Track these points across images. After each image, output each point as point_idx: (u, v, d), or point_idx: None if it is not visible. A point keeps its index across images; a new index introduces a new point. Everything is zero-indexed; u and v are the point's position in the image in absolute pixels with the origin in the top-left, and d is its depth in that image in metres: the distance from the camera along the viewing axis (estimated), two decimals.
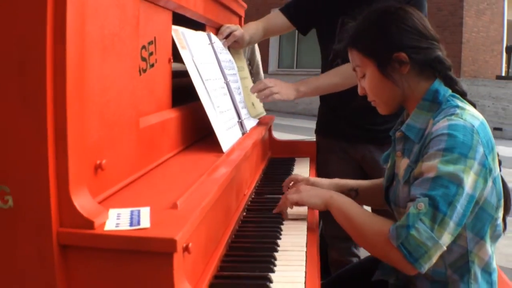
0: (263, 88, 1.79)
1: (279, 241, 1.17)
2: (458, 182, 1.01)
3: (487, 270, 1.13)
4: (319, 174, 2.00)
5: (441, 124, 1.06)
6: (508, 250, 3.18)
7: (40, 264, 0.72)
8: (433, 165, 1.03)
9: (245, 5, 2.21)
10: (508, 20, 12.71)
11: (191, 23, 1.49)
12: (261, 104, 2.05)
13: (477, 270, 1.11)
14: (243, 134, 1.63)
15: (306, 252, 1.13)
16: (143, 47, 1.07)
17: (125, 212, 0.78)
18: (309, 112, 10.31)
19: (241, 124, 1.66)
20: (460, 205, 1.01)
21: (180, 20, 1.36)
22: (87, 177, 0.76)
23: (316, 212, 1.39)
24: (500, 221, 1.14)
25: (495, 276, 1.15)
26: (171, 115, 1.26)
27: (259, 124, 1.87)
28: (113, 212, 0.77)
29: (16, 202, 0.71)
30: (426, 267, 1.01)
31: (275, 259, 1.07)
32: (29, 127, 0.68)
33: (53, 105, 0.68)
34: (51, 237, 0.71)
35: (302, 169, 1.99)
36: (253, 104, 1.96)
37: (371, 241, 1.10)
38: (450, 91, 1.15)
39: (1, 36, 0.68)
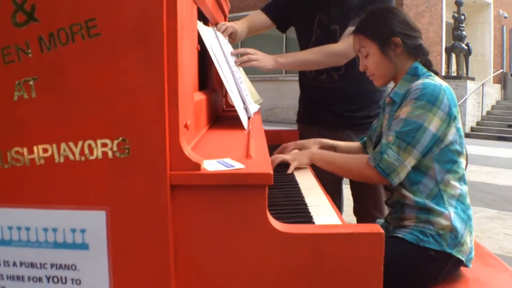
0: (243, 53, 1.90)
1: (307, 200, 1.36)
2: (421, 122, 1.34)
3: (462, 202, 1.41)
4: None
5: (417, 82, 1.41)
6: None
7: (155, 203, 0.86)
8: (406, 109, 1.37)
9: (229, 5, 2.40)
10: (446, 22, 13.61)
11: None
12: (256, 94, 2.22)
13: (449, 198, 1.38)
14: (248, 118, 1.80)
15: (331, 206, 1.33)
16: None
17: (213, 162, 0.94)
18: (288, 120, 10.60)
19: (246, 109, 1.83)
20: (423, 139, 1.35)
21: None
22: (183, 132, 0.92)
23: None
24: (463, 165, 1.44)
25: (470, 213, 1.43)
26: (202, 97, 1.42)
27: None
28: (204, 161, 0.93)
29: (133, 151, 0.86)
30: (396, 180, 1.36)
31: (309, 212, 1.25)
32: (149, 86, 0.83)
33: (167, 67, 0.83)
34: (165, 179, 0.86)
35: None
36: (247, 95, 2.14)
37: (354, 169, 1.47)
38: (425, 70, 1.49)
39: (128, 10, 0.83)
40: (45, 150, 0.87)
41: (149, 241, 0.87)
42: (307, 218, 1.18)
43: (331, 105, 2.21)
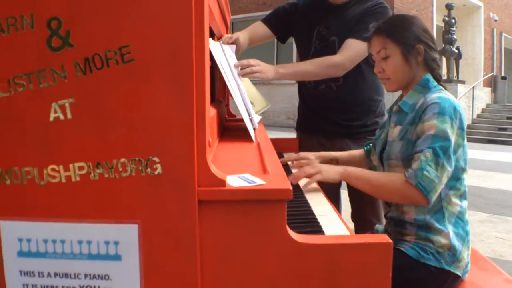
0: (246, 65, 1.94)
1: (314, 209, 1.43)
2: (449, 137, 1.35)
3: (461, 219, 1.45)
4: None
5: (433, 96, 1.42)
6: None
7: (183, 217, 0.93)
8: (433, 124, 1.36)
9: (231, 15, 2.47)
10: (437, 25, 13.77)
11: None
12: (262, 100, 2.28)
13: (450, 216, 1.42)
14: (254, 129, 1.87)
15: (338, 216, 1.40)
16: None
17: (235, 177, 1.01)
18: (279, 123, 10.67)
19: (251, 120, 1.90)
20: (451, 154, 1.36)
21: None
22: (208, 151, 0.98)
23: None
24: (465, 182, 1.48)
25: (468, 228, 1.48)
26: (214, 111, 1.49)
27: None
28: (227, 177, 1.00)
29: (164, 169, 0.92)
30: (434, 198, 1.34)
31: (318, 221, 1.32)
32: (179, 108, 0.90)
33: (196, 91, 0.90)
34: (193, 195, 0.92)
35: None
36: (252, 102, 2.20)
37: (392, 189, 1.40)
38: (436, 83, 1.52)
39: (159, 33, 0.89)
40: (80, 168, 0.93)
41: (178, 252, 0.94)
42: (317, 227, 1.25)
43: (330, 114, 2.28)
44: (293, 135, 2.59)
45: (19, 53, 0.94)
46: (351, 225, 2.36)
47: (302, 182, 1.59)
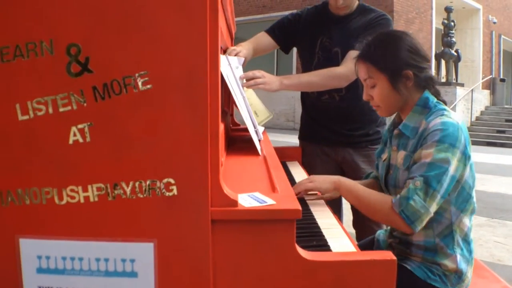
0: (251, 77, 1.96)
1: (318, 222, 1.47)
2: (446, 166, 1.31)
3: (466, 240, 1.46)
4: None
5: (436, 121, 1.36)
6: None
7: (197, 235, 0.97)
8: (430, 152, 1.32)
9: (235, 27, 2.51)
10: (436, 28, 13.84)
11: None
12: (265, 111, 2.33)
13: (459, 238, 1.42)
14: (259, 140, 1.92)
15: (342, 229, 1.44)
16: None
17: (245, 196, 1.05)
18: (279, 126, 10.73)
19: (256, 132, 1.94)
20: (446, 183, 1.32)
21: None
22: (221, 171, 1.03)
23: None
24: (474, 199, 1.47)
25: (472, 246, 1.49)
26: (222, 126, 1.53)
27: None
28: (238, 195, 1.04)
29: (179, 190, 0.96)
30: (419, 228, 1.32)
31: (323, 235, 1.36)
32: (194, 133, 0.94)
33: (210, 115, 0.94)
34: (207, 214, 0.97)
35: (296, 169, 2.30)
36: (255, 113, 2.24)
37: (376, 210, 1.40)
38: (435, 99, 1.47)
39: (176, 59, 0.93)
40: (99, 189, 0.97)
41: (192, 269, 0.98)
42: (323, 241, 1.29)
43: (332, 124, 2.33)
44: (292, 137, 2.64)
45: (39, 78, 0.98)
46: (351, 230, 2.40)
47: None
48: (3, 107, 0.98)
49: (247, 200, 1.02)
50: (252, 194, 1.07)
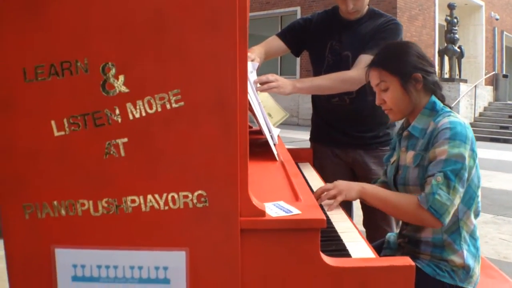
0: (264, 81, 2.02)
1: (335, 226, 1.52)
2: (461, 160, 1.39)
3: (473, 237, 1.53)
4: None
5: (444, 121, 1.45)
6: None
7: (227, 244, 1.02)
8: (444, 150, 1.40)
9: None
10: (439, 24, 13.85)
11: None
12: (281, 110, 2.37)
13: (465, 235, 1.49)
14: (274, 145, 1.96)
15: (358, 233, 1.49)
16: None
17: (271, 206, 1.10)
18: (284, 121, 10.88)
19: (271, 137, 1.99)
20: (464, 176, 1.40)
21: None
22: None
23: None
24: (480, 199, 1.54)
25: (478, 243, 1.55)
26: None
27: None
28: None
29: (210, 202, 1.01)
30: (447, 220, 1.39)
31: (341, 239, 1.41)
32: (225, 147, 0.99)
33: (240, 131, 0.99)
34: (236, 224, 1.01)
35: (308, 171, 2.35)
36: (269, 114, 2.28)
37: (404, 211, 1.46)
38: (442, 104, 1.56)
39: (208, 84, 0.98)
40: (133, 201, 1.02)
41: (222, 276, 1.03)
42: (341, 246, 1.34)
43: (343, 126, 2.38)
44: (296, 132, 2.68)
45: (74, 95, 1.02)
46: (360, 227, 2.45)
47: None
48: (40, 123, 1.03)
49: (273, 210, 1.07)
50: (277, 203, 1.11)
